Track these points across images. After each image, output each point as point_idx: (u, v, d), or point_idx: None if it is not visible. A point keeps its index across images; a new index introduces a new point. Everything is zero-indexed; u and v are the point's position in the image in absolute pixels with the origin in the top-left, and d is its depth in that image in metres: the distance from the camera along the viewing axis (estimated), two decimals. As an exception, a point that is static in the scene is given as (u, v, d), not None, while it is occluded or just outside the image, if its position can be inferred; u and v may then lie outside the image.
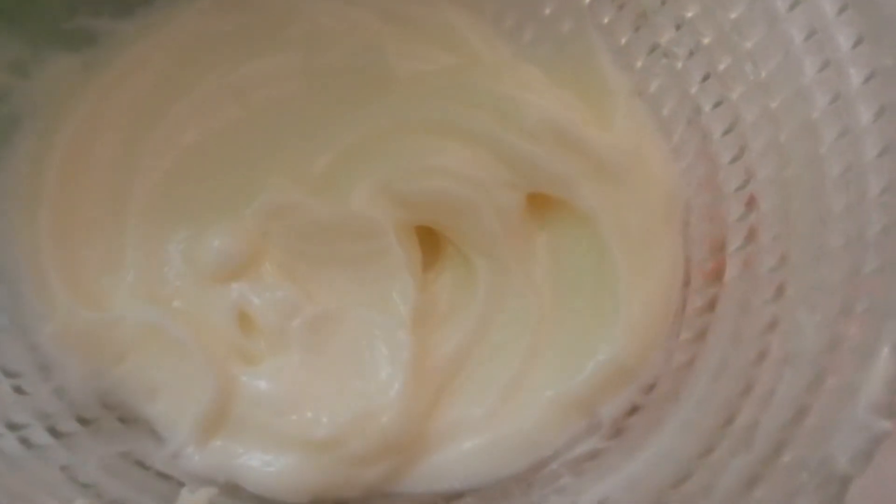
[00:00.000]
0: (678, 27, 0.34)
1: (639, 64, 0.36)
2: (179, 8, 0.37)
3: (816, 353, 0.27)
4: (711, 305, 0.33)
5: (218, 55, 0.38)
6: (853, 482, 0.23)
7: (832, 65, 0.29)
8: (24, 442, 0.32)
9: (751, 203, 0.33)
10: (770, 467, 0.25)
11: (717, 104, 0.34)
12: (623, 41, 0.36)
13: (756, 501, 0.24)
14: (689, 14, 0.34)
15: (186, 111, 0.38)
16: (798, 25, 0.30)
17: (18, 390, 0.33)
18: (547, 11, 0.38)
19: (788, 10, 0.30)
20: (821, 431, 0.25)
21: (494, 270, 0.37)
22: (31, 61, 0.35)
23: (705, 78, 0.34)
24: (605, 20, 0.36)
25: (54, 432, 0.33)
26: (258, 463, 0.34)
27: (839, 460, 0.23)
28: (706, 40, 0.34)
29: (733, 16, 0.32)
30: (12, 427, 0.32)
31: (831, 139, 0.29)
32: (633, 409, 0.34)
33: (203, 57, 0.38)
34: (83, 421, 0.34)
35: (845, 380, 0.25)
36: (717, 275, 0.33)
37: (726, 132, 0.34)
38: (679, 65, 0.35)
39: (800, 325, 0.28)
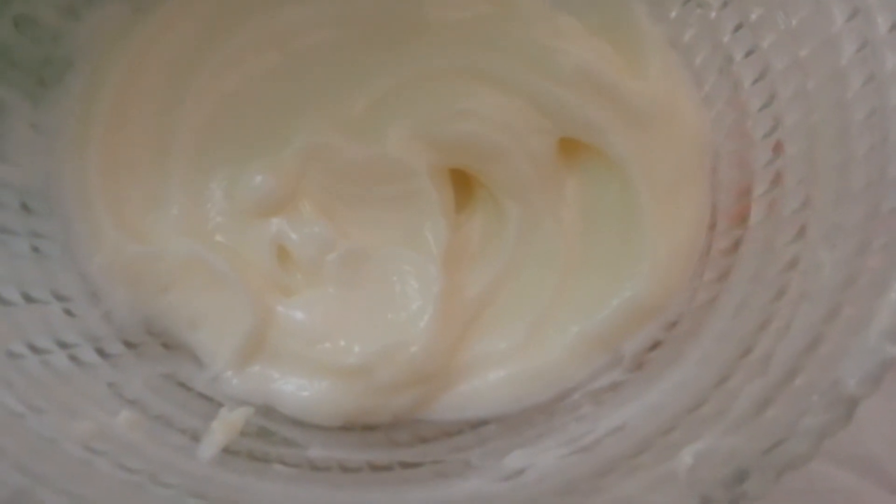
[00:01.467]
0: None
1: (673, 14, 0.37)
2: None
3: (833, 288, 0.27)
4: (735, 247, 0.34)
5: (258, 3, 0.38)
6: (861, 404, 0.24)
7: (861, 12, 0.29)
8: (74, 359, 0.33)
9: (777, 149, 0.33)
10: (782, 391, 0.25)
11: (749, 53, 0.34)
12: None
13: (767, 422, 0.25)
14: None
15: (229, 56, 0.38)
16: None
17: (68, 312, 0.34)
18: None
19: None
20: (833, 357, 0.25)
21: (525, 213, 0.38)
22: (83, 5, 0.36)
23: (738, 28, 0.34)
24: None
25: (102, 353, 0.34)
26: (293, 388, 0.35)
27: (848, 382, 0.24)
28: None
29: None
30: (62, 345, 0.33)
31: (858, 85, 0.29)
32: (655, 345, 0.35)
33: (245, 4, 0.38)
34: (129, 344, 0.35)
35: (860, 311, 0.25)
36: (742, 218, 0.34)
37: (756, 80, 0.34)
38: (712, 15, 0.35)
39: (819, 263, 0.28)
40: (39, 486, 0.24)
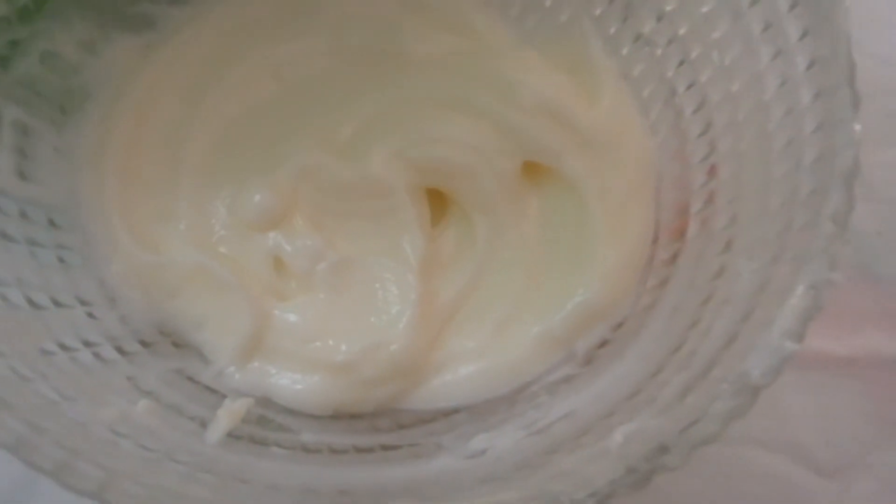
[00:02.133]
0: (659, 19, 0.37)
1: (624, 51, 0.39)
2: None
3: (749, 294, 0.29)
4: (674, 258, 0.36)
5: (257, 38, 0.40)
6: (762, 391, 0.26)
7: (783, 53, 0.31)
8: (97, 356, 0.34)
9: (712, 172, 0.35)
10: (701, 381, 0.28)
11: (689, 87, 0.36)
12: (612, 30, 0.38)
13: (686, 406, 0.27)
14: (668, 8, 0.36)
15: (231, 86, 0.40)
16: (756, 19, 0.32)
17: (91, 315, 0.36)
18: (547, 2, 0.40)
19: (749, 6, 0.33)
20: (743, 353, 0.27)
21: (492, 226, 0.40)
22: (100, 41, 0.38)
23: (680, 64, 0.36)
24: (597, 11, 0.39)
25: (120, 350, 0.36)
26: (288, 382, 0.37)
27: (753, 374, 0.26)
28: (682, 31, 0.36)
29: (704, 10, 0.34)
30: (87, 344, 0.34)
31: (778, 117, 0.31)
32: (603, 343, 0.37)
33: (245, 39, 0.40)
34: (143, 343, 0.37)
35: (767, 313, 0.27)
36: (680, 233, 0.36)
37: (695, 111, 0.36)
38: (658, 52, 0.37)
39: (739, 272, 0.30)
40: (77, 460, 0.26)
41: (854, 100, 0.29)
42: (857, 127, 0.28)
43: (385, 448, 0.35)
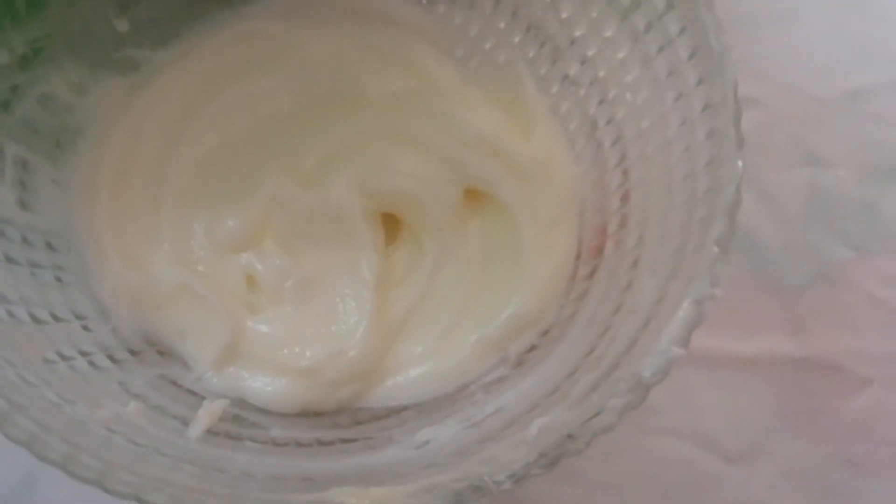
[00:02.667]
0: (582, 63, 0.39)
1: (554, 90, 0.41)
2: (203, 40, 0.42)
3: (649, 306, 0.31)
4: (592, 273, 0.38)
5: (232, 77, 0.42)
6: (653, 389, 0.29)
7: (683, 97, 0.34)
8: (92, 364, 0.36)
9: (625, 198, 0.37)
10: (604, 380, 0.30)
11: (608, 122, 0.39)
12: (543, 71, 0.41)
13: (590, 402, 0.30)
14: (590, 53, 0.39)
15: (208, 121, 0.42)
16: (662, 66, 0.35)
17: (85, 328, 0.38)
18: (487, 46, 0.43)
19: (656, 53, 0.35)
20: (639, 356, 0.29)
21: (438, 246, 0.43)
22: (91, 84, 0.40)
23: (600, 102, 0.39)
24: (531, 54, 0.41)
25: (112, 359, 0.37)
26: (260, 384, 0.39)
27: (645, 374, 0.29)
28: (601, 73, 0.38)
29: (620, 56, 0.37)
30: (83, 353, 0.36)
31: (679, 152, 0.34)
32: (532, 348, 0.39)
33: (221, 79, 0.42)
34: (132, 352, 0.39)
35: (661, 323, 0.30)
36: (598, 251, 0.39)
37: (613, 144, 0.39)
38: (582, 92, 0.40)
39: (643, 286, 0.33)
40: (80, 454, 0.28)
41: (739, 140, 0.31)
42: (740, 164, 0.31)
43: (344, 441, 0.37)
